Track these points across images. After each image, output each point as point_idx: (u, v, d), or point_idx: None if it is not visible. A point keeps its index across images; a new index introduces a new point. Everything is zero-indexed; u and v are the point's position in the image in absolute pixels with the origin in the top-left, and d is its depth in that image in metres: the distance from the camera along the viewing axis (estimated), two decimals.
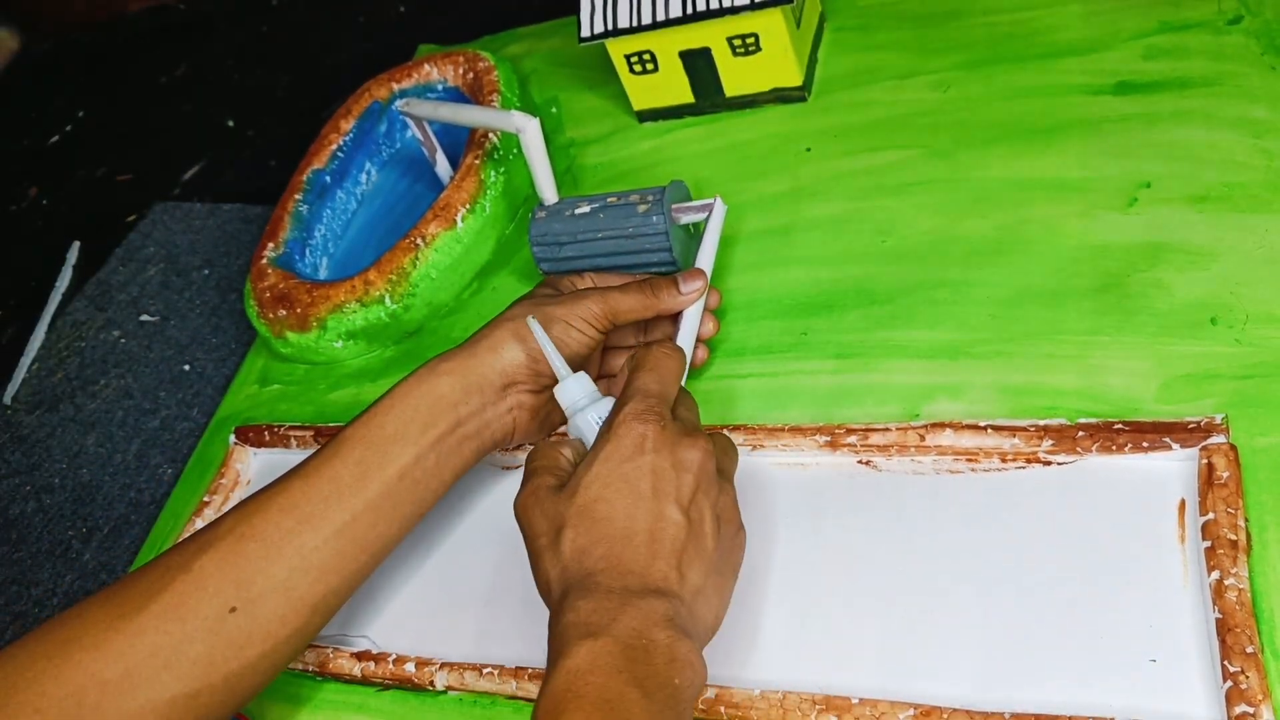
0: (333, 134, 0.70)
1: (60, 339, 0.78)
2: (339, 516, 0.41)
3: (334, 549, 0.41)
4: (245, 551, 0.39)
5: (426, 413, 0.43)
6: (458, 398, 0.43)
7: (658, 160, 0.63)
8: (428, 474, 0.43)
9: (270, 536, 0.40)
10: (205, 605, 0.38)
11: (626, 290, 0.47)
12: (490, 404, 0.44)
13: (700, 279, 0.48)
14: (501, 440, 0.46)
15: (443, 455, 0.43)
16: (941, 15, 0.62)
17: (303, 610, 0.40)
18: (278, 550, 0.40)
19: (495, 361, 0.44)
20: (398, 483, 0.42)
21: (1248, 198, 0.46)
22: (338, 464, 0.42)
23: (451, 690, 0.44)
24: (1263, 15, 0.52)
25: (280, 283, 0.62)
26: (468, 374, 0.44)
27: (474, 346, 0.45)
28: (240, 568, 0.39)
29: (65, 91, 1.12)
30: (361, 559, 0.42)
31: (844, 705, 0.37)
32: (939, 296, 0.48)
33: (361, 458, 0.42)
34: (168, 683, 0.37)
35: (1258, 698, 0.32)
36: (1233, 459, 0.37)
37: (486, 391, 0.44)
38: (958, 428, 0.42)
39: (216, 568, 0.39)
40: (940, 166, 0.54)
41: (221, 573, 0.39)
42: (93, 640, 0.37)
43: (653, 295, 0.47)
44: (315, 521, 0.40)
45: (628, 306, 0.47)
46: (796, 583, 0.42)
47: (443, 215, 0.60)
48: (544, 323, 0.44)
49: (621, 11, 0.59)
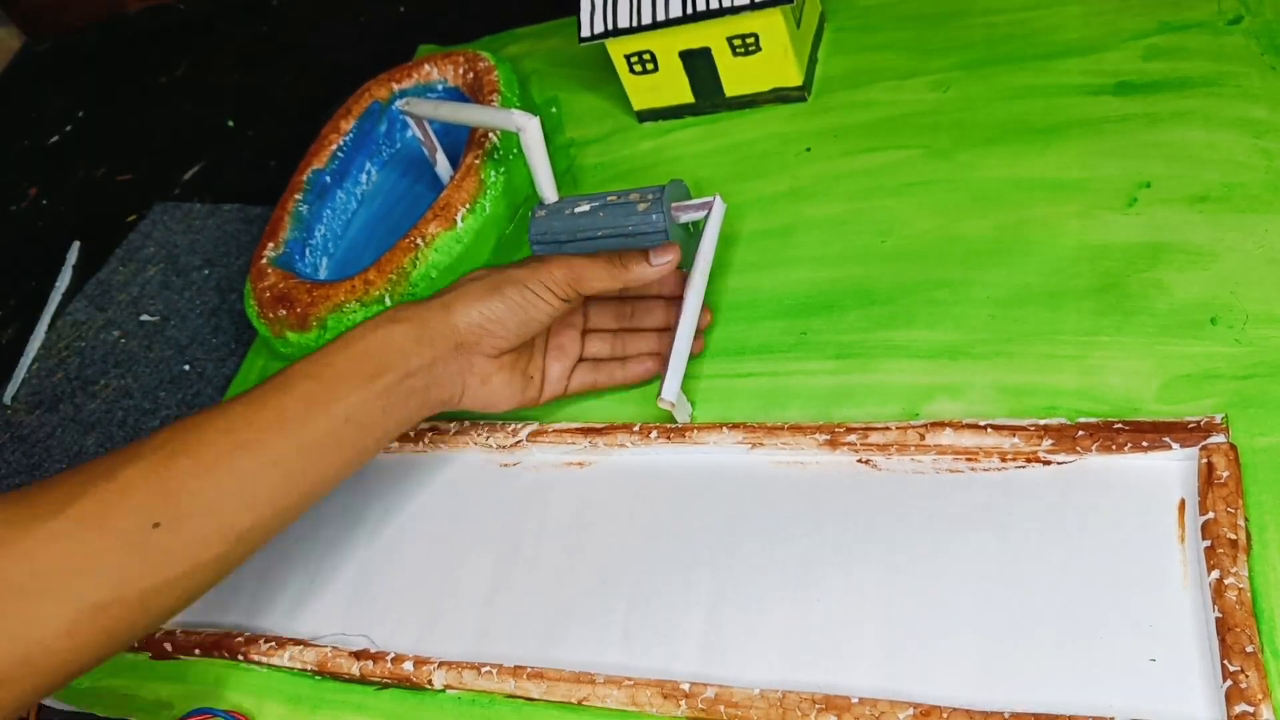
0: (333, 134, 0.70)
1: (60, 339, 0.78)
2: (279, 448, 0.40)
3: (269, 480, 0.39)
4: (176, 467, 0.38)
5: (378, 357, 0.43)
6: (410, 348, 0.43)
7: (657, 160, 0.63)
8: (373, 420, 0.42)
9: (204, 456, 0.38)
10: (127, 517, 0.37)
11: (594, 260, 0.47)
12: (441, 360, 0.44)
13: (672, 252, 0.48)
14: (448, 400, 0.46)
15: (390, 403, 0.43)
16: (941, 15, 0.62)
17: (229, 536, 0.39)
18: (210, 470, 0.38)
19: (450, 319, 0.44)
20: (343, 424, 0.41)
21: (1247, 198, 0.46)
22: (284, 396, 0.41)
23: (450, 689, 0.44)
24: (1263, 15, 0.52)
25: (280, 283, 0.62)
26: (423, 326, 0.44)
27: (432, 302, 0.45)
28: (168, 482, 0.38)
29: (65, 91, 1.12)
30: (294, 495, 0.41)
31: (844, 705, 0.37)
32: (939, 297, 0.48)
33: (308, 392, 0.41)
34: (78, 590, 0.36)
35: (1257, 697, 0.32)
36: (1233, 459, 0.37)
37: (439, 346, 0.44)
38: (957, 427, 0.42)
39: (143, 479, 0.37)
40: (940, 166, 0.54)
41: (148, 485, 0.37)
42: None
43: (621, 267, 0.47)
44: (254, 448, 0.39)
45: (593, 275, 0.46)
46: (796, 582, 0.42)
47: (443, 215, 0.60)
48: (504, 284, 0.44)
49: (621, 11, 0.59)
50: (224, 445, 0.39)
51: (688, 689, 0.39)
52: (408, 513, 0.52)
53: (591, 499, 0.48)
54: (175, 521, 0.37)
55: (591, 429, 0.49)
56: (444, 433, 0.53)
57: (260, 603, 0.51)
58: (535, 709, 0.42)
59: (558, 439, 0.50)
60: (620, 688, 0.40)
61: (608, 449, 0.49)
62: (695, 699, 0.39)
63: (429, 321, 0.44)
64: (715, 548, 0.44)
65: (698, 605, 0.43)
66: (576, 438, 0.49)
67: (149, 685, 0.51)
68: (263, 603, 0.51)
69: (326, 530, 0.53)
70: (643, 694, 0.40)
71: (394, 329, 0.43)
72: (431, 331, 0.44)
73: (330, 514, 0.53)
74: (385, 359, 0.43)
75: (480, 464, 0.52)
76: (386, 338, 0.43)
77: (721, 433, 0.46)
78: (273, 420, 0.40)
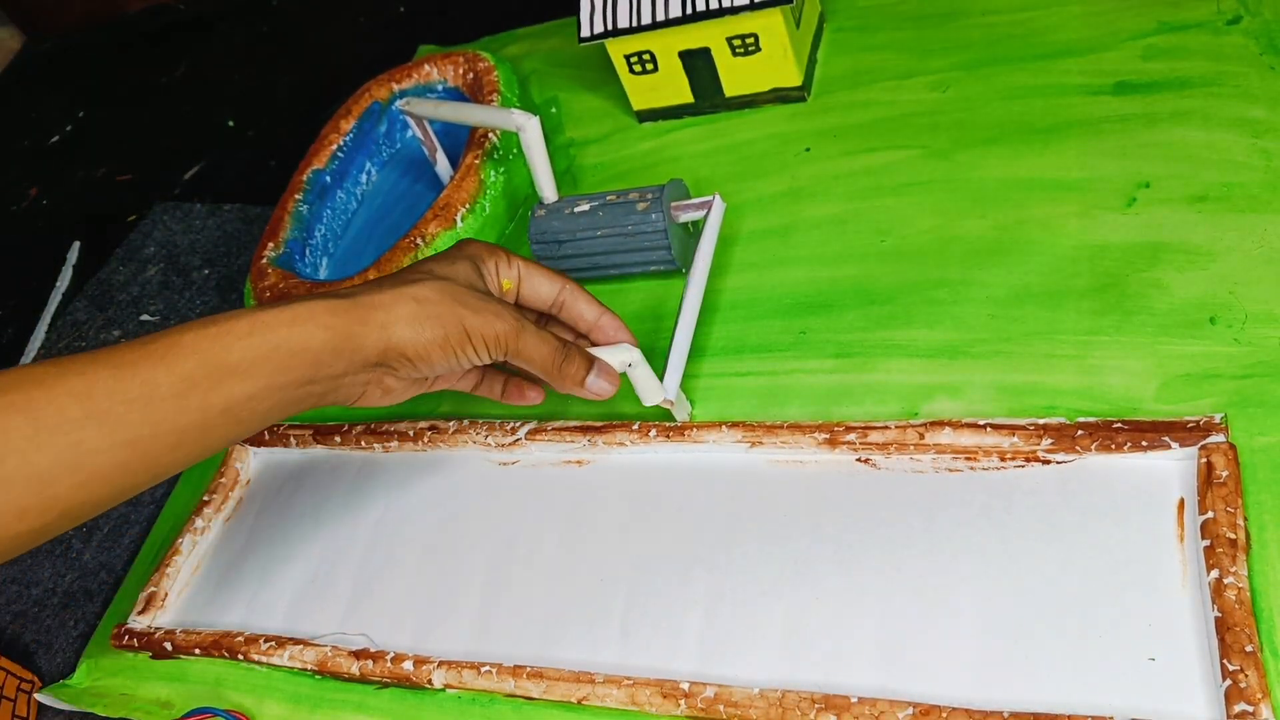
0: (333, 134, 0.70)
1: (60, 339, 0.78)
2: (138, 427, 0.35)
3: (117, 459, 0.34)
4: (7, 425, 0.33)
5: (285, 358, 0.38)
6: (325, 359, 0.38)
7: (657, 160, 0.63)
8: (254, 416, 0.38)
9: (45, 419, 0.33)
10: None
11: (543, 339, 0.43)
12: (351, 373, 0.40)
13: (612, 384, 0.45)
14: (341, 403, 0.42)
15: (279, 404, 0.38)
16: (941, 15, 0.62)
17: (52, 510, 0.34)
18: (49, 437, 0.33)
19: (382, 342, 0.39)
20: (219, 415, 0.37)
21: (1246, 198, 0.46)
22: (161, 369, 0.35)
23: (450, 688, 0.44)
24: (1262, 15, 0.52)
25: (280, 282, 0.62)
26: (348, 340, 0.39)
27: (368, 312, 0.39)
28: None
29: (65, 91, 1.12)
30: (140, 476, 0.36)
31: (843, 704, 0.37)
32: (938, 296, 0.48)
33: (190, 374, 0.36)
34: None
35: (1257, 696, 0.32)
36: (1232, 458, 0.37)
37: (355, 361, 0.39)
38: (957, 426, 0.42)
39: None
40: (939, 166, 0.54)
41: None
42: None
43: (560, 364, 0.43)
44: (108, 422, 0.34)
45: (532, 355, 0.43)
46: (795, 581, 0.42)
47: (443, 215, 0.60)
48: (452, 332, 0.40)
49: (621, 11, 0.59)
50: (73, 412, 0.34)
51: (687, 688, 0.39)
52: (407, 511, 0.52)
53: (590, 497, 0.48)
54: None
55: (590, 427, 0.49)
56: (443, 431, 0.53)
57: (260, 603, 0.51)
58: (535, 708, 0.42)
59: (556, 437, 0.50)
60: (620, 687, 0.40)
61: (607, 447, 0.49)
62: (695, 698, 0.39)
63: (356, 337, 0.39)
64: (714, 547, 0.44)
65: (697, 604, 0.43)
66: (575, 436, 0.49)
67: (149, 685, 0.51)
68: (263, 603, 0.51)
69: (326, 530, 0.53)
70: (642, 693, 0.40)
71: (315, 334, 0.38)
72: (355, 346, 0.39)
73: (330, 513, 0.53)
74: (292, 363, 0.38)
75: (479, 462, 0.52)
76: (304, 341, 0.38)
77: (721, 431, 0.46)
78: (139, 396, 0.35)
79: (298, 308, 0.38)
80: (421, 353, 0.40)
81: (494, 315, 0.41)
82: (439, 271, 0.42)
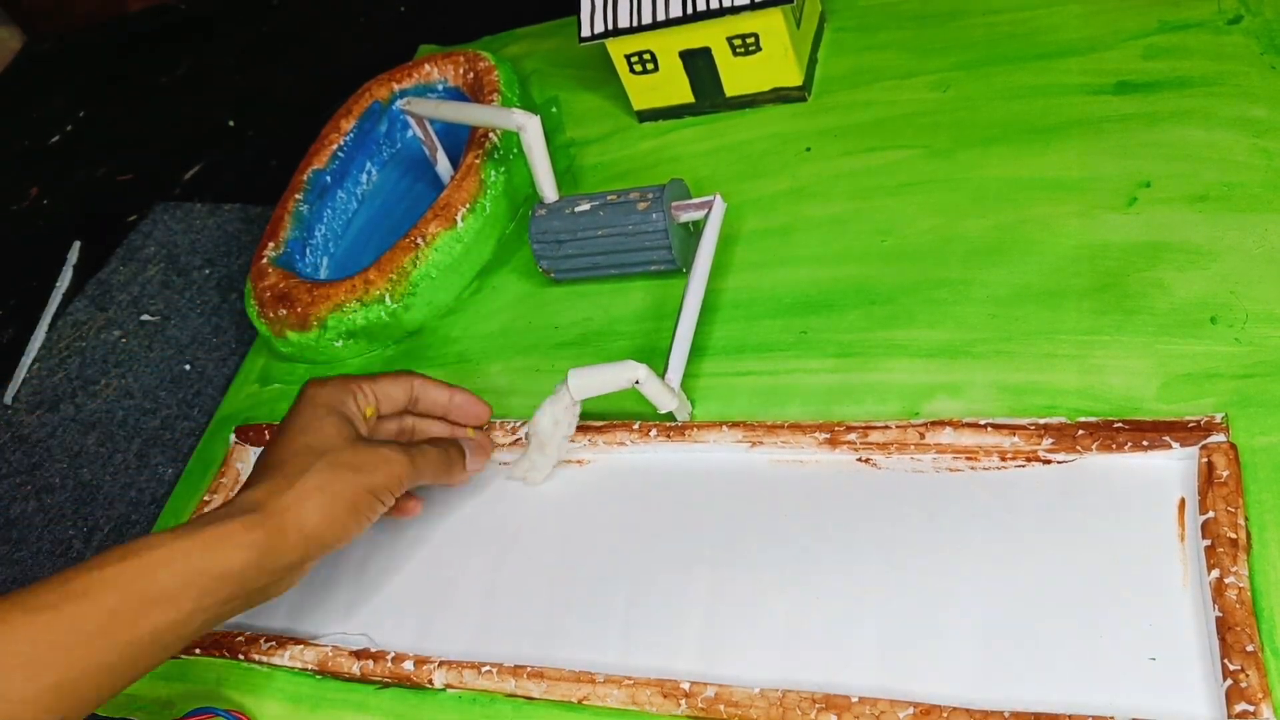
0: (333, 134, 0.70)
1: (60, 339, 0.78)
2: (65, 671, 0.34)
3: (43, 704, 0.34)
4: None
5: (209, 583, 0.38)
6: (249, 575, 0.39)
7: (658, 160, 0.63)
8: (182, 637, 0.38)
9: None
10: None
11: (426, 454, 0.44)
12: (276, 580, 0.40)
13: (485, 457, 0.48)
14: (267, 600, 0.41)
15: (207, 622, 0.38)
16: (941, 15, 0.62)
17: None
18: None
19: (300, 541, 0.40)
20: (148, 644, 0.36)
21: (1247, 197, 0.46)
22: (86, 606, 0.35)
23: (450, 688, 0.44)
24: (1263, 15, 0.52)
25: (281, 282, 0.62)
26: (268, 553, 0.39)
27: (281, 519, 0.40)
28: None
29: (65, 91, 1.12)
30: (69, 715, 0.35)
31: (843, 704, 0.37)
32: (939, 296, 0.48)
33: (115, 608, 0.36)
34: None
35: (1258, 696, 0.32)
36: (1233, 458, 0.37)
37: (278, 569, 0.40)
38: (957, 426, 0.42)
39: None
40: (940, 166, 0.54)
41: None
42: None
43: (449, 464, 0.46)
44: (33, 670, 0.34)
45: (426, 476, 0.45)
46: (795, 581, 0.42)
47: (443, 215, 0.60)
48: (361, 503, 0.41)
49: (621, 11, 0.59)
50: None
51: (687, 688, 0.39)
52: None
53: (591, 497, 0.48)
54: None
55: (591, 427, 0.49)
56: None
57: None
58: (535, 708, 0.42)
59: None
60: (620, 687, 0.40)
61: (607, 447, 0.49)
62: (695, 698, 0.39)
63: (276, 549, 0.39)
64: (714, 546, 0.44)
65: (697, 604, 0.43)
66: (576, 436, 0.49)
67: (149, 685, 0.51)
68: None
69: None
70: (643, 693, 0.40)
71: (235, 555, 0.38)
72: (276, 557, 0.39)
73: None
74: (215, 587, 0.38)
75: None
76: (225, 564, 0.38)
77: (721, 431, 0.46)
78: (66, 642, 0.34)
79: (212, 530, 0.38)
80: (340, 534, 0.41)
81: (384, 462, 0.43)
82: (317, 446, 0.42)
